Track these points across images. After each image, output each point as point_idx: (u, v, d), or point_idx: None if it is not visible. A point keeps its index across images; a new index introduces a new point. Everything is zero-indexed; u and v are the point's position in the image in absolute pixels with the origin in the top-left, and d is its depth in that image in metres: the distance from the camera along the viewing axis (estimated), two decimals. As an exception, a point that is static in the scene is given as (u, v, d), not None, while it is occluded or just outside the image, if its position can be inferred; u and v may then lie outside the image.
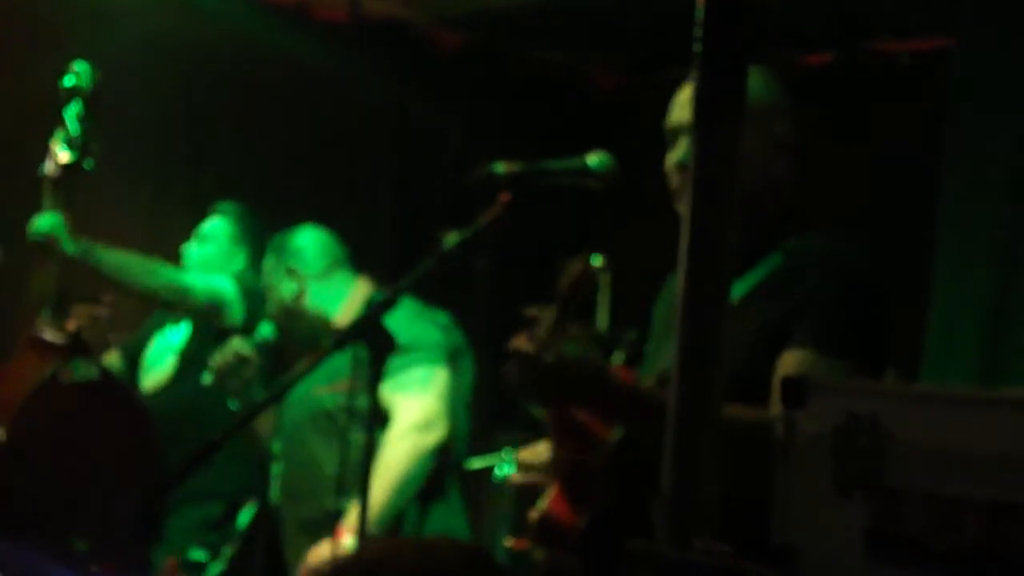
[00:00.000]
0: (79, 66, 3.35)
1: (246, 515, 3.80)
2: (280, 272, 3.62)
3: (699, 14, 1.56)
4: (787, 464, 1.43)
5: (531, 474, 2.37)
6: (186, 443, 3.20)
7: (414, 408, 3.26)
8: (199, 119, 4.78)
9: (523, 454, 2.42)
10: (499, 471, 4.43)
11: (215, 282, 3.86)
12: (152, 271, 3.65)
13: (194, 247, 4.05)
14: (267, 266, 3.69)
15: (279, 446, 3.56)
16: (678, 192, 2.27)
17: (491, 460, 4.39)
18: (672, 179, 2.29)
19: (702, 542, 1.43)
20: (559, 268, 2.19)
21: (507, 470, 4.40)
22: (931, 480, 1.33)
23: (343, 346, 2.37)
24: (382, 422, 3.25)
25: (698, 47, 1.57)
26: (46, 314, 3.21)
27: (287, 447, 3.51)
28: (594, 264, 2.16)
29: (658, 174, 2.32)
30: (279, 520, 3.58)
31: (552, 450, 2.28)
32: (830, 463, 1.39)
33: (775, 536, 1.41)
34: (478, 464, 4.28)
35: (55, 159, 3.30)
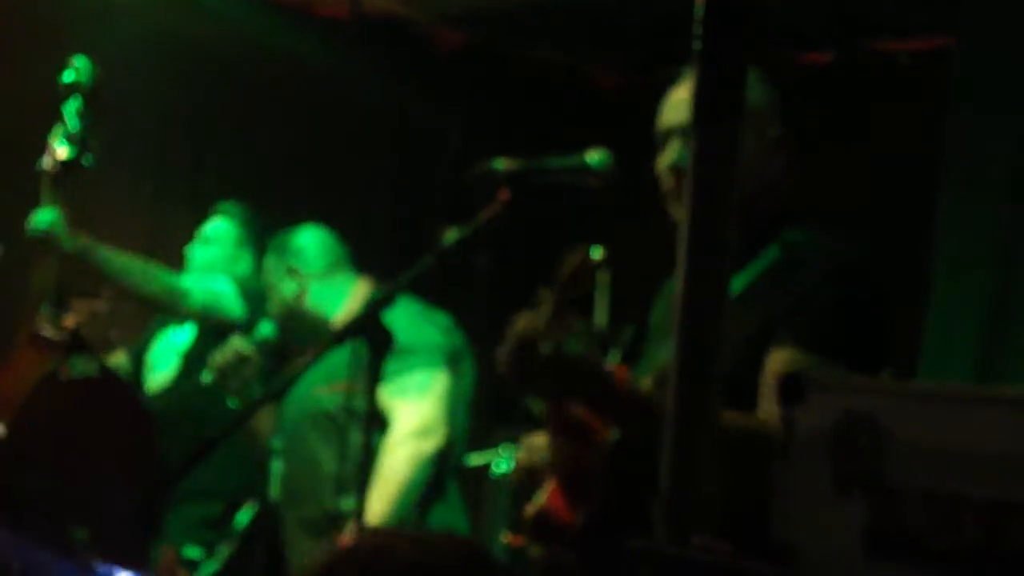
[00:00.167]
0: (78, 61, 3.34)
1: (245, 515, 3.79)
2: (281, 271, 3.61)
3: (699, 12, 1.56)
4: (786, 462, 1.43)
5: (535, 454, 2.35)
6: (188, 442, 3.20)
7: (413, 414, 3.25)
8: (199, 117, 4.78)
9: (525, 440, 2.40)
10: (497, 468, 4.43)
11: (212, 284, 3.85)
12: (149, 276, 3.62)
13: (199, 249, 4.03)
14: (268, 265, 3.69)
15: (279, 444, 3.56)
16: (670, 194, 2.27)
17: (489, 457, 4.39)
18: (664, 181, 2.29)
19: (701, 540, 1.43)
20: (559, 259, 2.19)
21: (505, 467, 4.40)
22: (930, 479, 1.33)
23: (342, 342, 2.37)
24: (381, 425, 3.24)
25: (698, 45, 1.57)
26: (46, 310, 3.21)
27: (287, 446, 3.51)
28: (594, 256, 2.16)
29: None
30: (280, 520, 3.57)
31: (550, 446, 2.27)
32: (829, 461, 1.39)
33: (774, 534, 1.41)
34: (476, 461, 4.29)
35: (54, 155, 3.29)
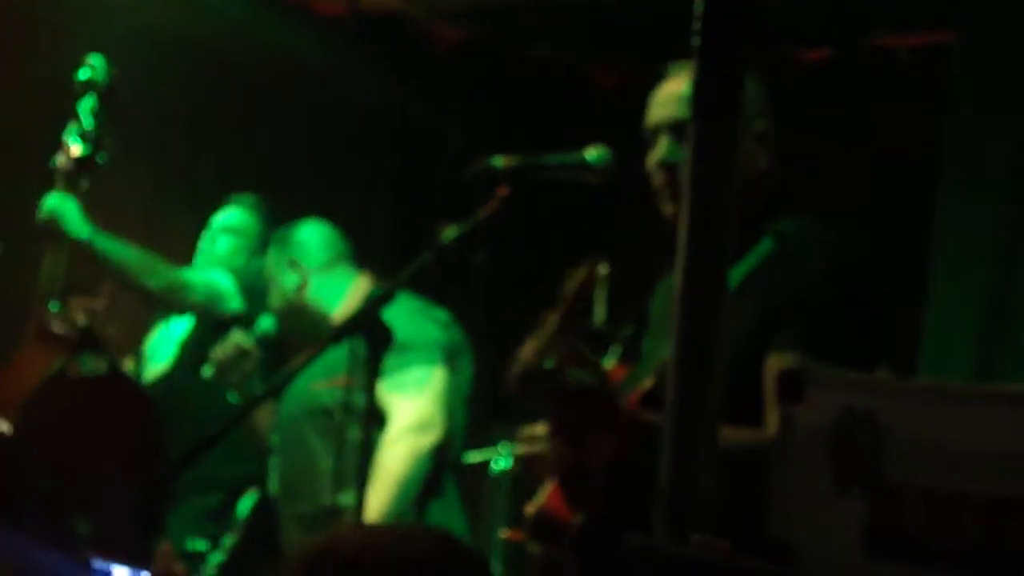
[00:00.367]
0: (94, 60, 3.33)
1: (246, 503, 3.79)
2: (283, 264, 3.61)
3: (698, 9, 1.56)
4: (785, 459, 1.43)
5: (535, 444, 2.35)
6: (185, 435, 3.19)
7: (410, 410, 3.25)
8: (198, 114, 4.77)
9: (526, 430, 2.40)
10: (496, 465, 4.43)
11: (213, 278, 3.85)
12: (152, 270, 3.60)
13: (223, 240, 4.03)
14: (270, 258, 3.68)
15: (276, 440, 3.56)
16: (660, 190, 2.27)
17: (488, 454, 4.39)
18: (655, 177, 2.29)
19: (700, 538, 1.43)
20: (564, 275, 2.18)
21: (504, 464, 4.40)
22: (930, 477, 1.32)
23: (341, 340, 2.37)
24: (379, 421, 3.24)
25: (696, 42, 1.57)
26: (53, 306, 3.20)
27: (283, 442, 3.51)
28: (600, 271, 2.16)
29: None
30: (277, 514, 3.57)
31: (550, 446, 2.27)
32: (828, 459, 1.39)
33: (773, 532, 1.40)
34: (475, 458, 4.28)
35: (68, 152, 3.29)
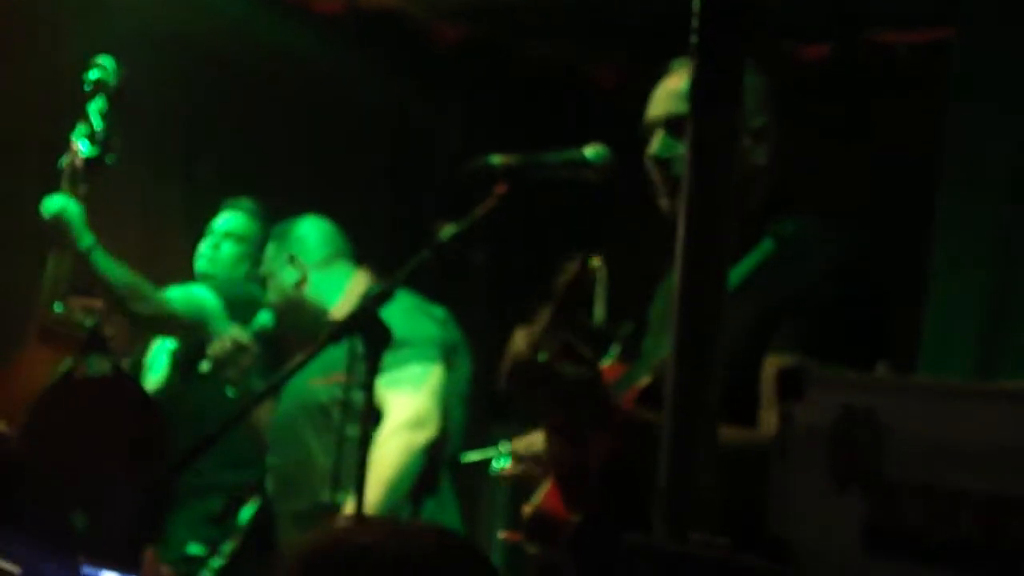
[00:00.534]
0: (105, 61, 3.32)
1: (247, 510, 3.79)
2: (282, 259, 3.60)
3: (696, 5, 1.56)
4: (783, 457, 1.42)
5: (524, 465, 2.35)
6: (185, 440, 3.19)
7: (406, 406, 3.24)
8: (197, 112, 4.77)
9: (516, 444, 2.41)
10: (495, 464, 4.42)
11: (200, 299, 3.82)
12: (139, 297, 3.54)
13: (227, 246, 4.02)
14: (268, 254, 3.67)
15: (273, 438, 3.55)
16: (656, 186, 2.27)
17: (487, 453, 4.38)
18: (651, 173, 2.29)
19: (699, 536, 1.43)
20: (558, 268, 2.18)
21: (503, 463, 4.39)
22: (929, 474, 1.32)
23: (339, 339, 2.37)
24: (376, 418, 3.24)
25: (694, 38, 1.57)
26: (58, 306, 3.19)
27: (280, 438, 3.49)
28: (592, 265, 2.14)
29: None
30: (273, 513, 3.56)
31: (548, 447, 2.27)
32: (827, 457, 1.38)
33: (772, 530, 1.40)
34: (474, 457, 4.28)
35: (76, 153, 3.28)
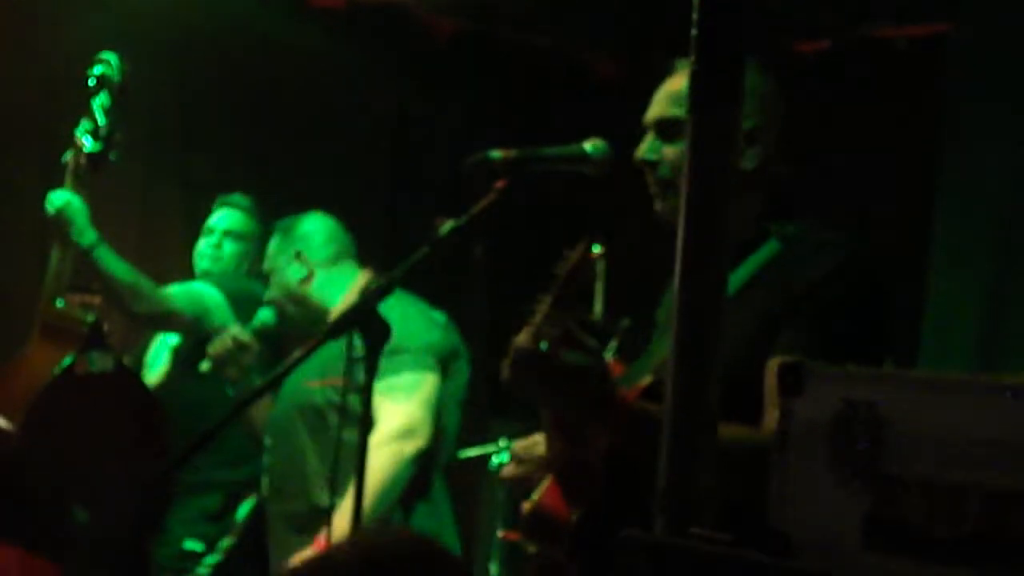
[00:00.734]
0: (109, 57, 3.32)
1: (245, 507, 3.79)
2: (287, 255, 3.56)
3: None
4: (784, 452, 1.42)
5: (524, 466, 2.35)
6: (186, 439, 3.18)
7: (397, 414, 3.23)
8: (193, 106, 4.77)
9: (517, 446, 2.40)
10: (495, 460, 4.42)
11: (201, 293, 3.80)
12: (140, 296, 3.52)
13: (227, 245, 4.01)
14: (272, 248, 3.64)
15: (268, 438, 3.54)
16: (649, 187, 2.27)
17: (487, 449, 4.38)
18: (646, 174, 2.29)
19: (700, 531, 1.42)
20: (560, 256, 2.17)
21: (503, 458, 4.39)
22: (930, 467, 1.32)
23: (338, 335, 2.36)
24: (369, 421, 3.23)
25: (694, 32, 1.57)
26: (59, 302, 3.19)
27: (274, 440, 3.48)
28: (594, 251, 2.13)
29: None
30: (266, 514, 3.55)
31: (548, 443, 2.26)
32: (828, 451, 1.38)
33: (773, 524, 1.40)
34: (474, 453, 4.28)
35: (80, 149, 3.27)
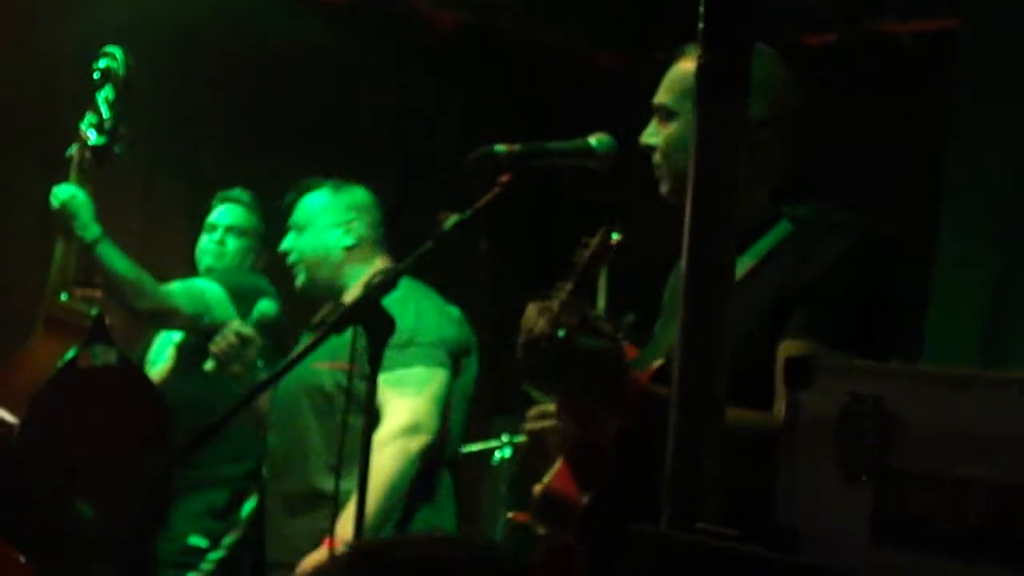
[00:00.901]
0: (114, 50, 3.31)
1: (250, 504, 3.78)
2: (335, 217, 3.47)
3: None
4: (791, 446, 1.41)
5: (544, 422, 2.32)
6: (188, 436, 3.17)
7: (405, 410, 3.21)
8: (197, 100, 4.76)
9: (535, 409, 2.37)
10: (497, 456, 4.42)
11: (203, 289, 3.79)
12: (142, 292, 3.51)
13: (231, 241, 4.01)
14: (317, 203, 3.53)
15: (273, 415, 3.50)
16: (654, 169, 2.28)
17: (489, 444, 4.38)
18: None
19: (706, 525, 1.42)
20: (561, 250, 2.16)
21: (505, 453, 4.40)
22: (937, 462, 1.31)
23: (342, 328, 2.35)
24: (375, 412, 3.22)
25: (701, 23, 1.56)
26: (64, 296, 3.19)
27: (278, 418, 3.45)
28: (612, 239, 2.13)
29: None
30: (264, 494, 3.52)
31: (559, 426, 2.25)
32: (835, 446, 1.38)
33: (779, 519, 1.39)
34: (476, 447, 4.28)
35: (84, 142, 3.27)
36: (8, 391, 3.07)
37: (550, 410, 2.32)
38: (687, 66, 2.21)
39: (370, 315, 2.34)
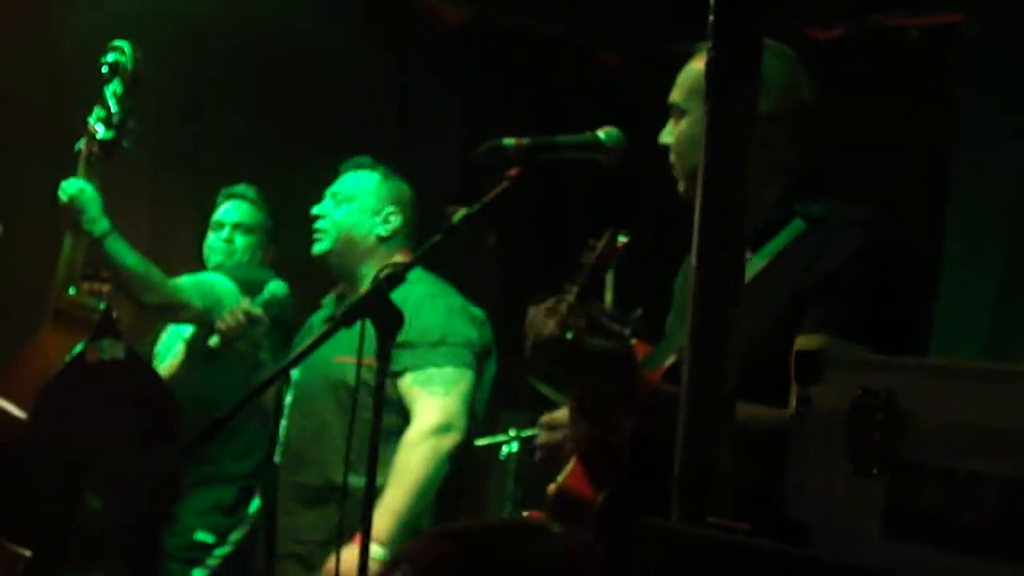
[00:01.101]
0: (122, 44, 3.31)
1: (258, 501, 3.78)
2: (378, 203, 3.48)
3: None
4: (802, 441, 1.41)
5: (556, 433, 2.33)
6: (196, 431, 3.17)
7: (436, 408, 3.23)
8: (201, 94, 4.77)
9: (545, 417, 2.38)
10: (504, 451, 4.42)
11: (212, 283, 3.79)
12: (150, 286, 3.50)
13: (239, 238, 4.00)
14: (365, 184, 3.54)
15: (291, 407, 3.48)
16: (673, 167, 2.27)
17: (497, 439, 4.38)
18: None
19: (717, 520, 1.42)
20: (586, 245, 2.16)
21: (513, 448, 4.40)
22: (948, 456, 1.31)
23: (350, 322, 2.35)
24: (395, 407, 3.23)
25: (711, 18, 1.56)
26: (72, 290, 3.19)
27: (296, 409, 3.44)
28: (619, 241, 2.13)
29: (666, 151, 2.31)
30: (276, 483, 3.51)
31: (572, 425, 2.25)
32: (846, 440, 1.37)
33: (791, 514, 1.39)
34: (483, 442, 4.28)
35: (92, 136, 3.27)
36: (16, 385, 3.07)
37: (559, 419, 2.32)
38: (698, 64, 2.20)
39: (378, 308, 2.33)
